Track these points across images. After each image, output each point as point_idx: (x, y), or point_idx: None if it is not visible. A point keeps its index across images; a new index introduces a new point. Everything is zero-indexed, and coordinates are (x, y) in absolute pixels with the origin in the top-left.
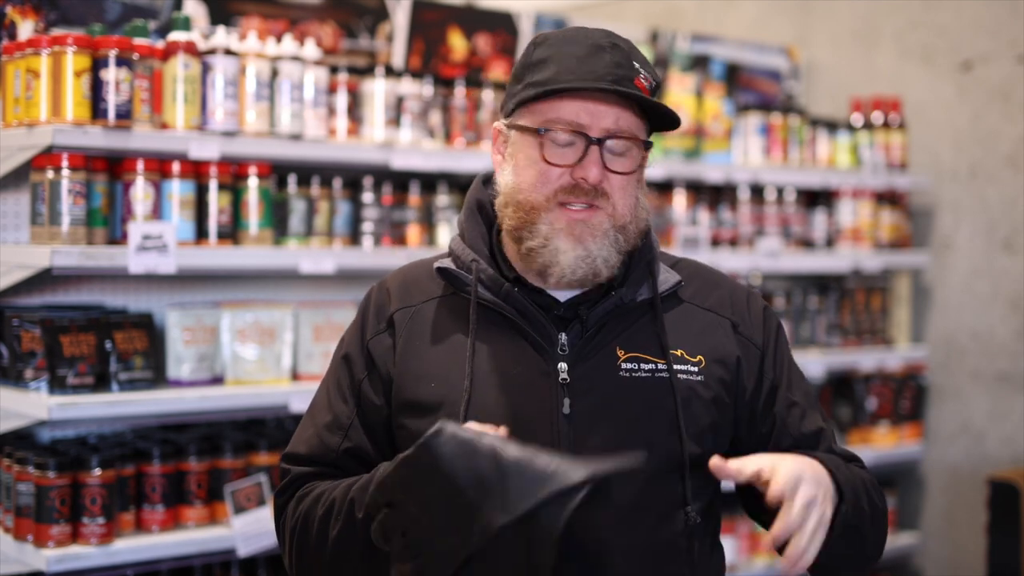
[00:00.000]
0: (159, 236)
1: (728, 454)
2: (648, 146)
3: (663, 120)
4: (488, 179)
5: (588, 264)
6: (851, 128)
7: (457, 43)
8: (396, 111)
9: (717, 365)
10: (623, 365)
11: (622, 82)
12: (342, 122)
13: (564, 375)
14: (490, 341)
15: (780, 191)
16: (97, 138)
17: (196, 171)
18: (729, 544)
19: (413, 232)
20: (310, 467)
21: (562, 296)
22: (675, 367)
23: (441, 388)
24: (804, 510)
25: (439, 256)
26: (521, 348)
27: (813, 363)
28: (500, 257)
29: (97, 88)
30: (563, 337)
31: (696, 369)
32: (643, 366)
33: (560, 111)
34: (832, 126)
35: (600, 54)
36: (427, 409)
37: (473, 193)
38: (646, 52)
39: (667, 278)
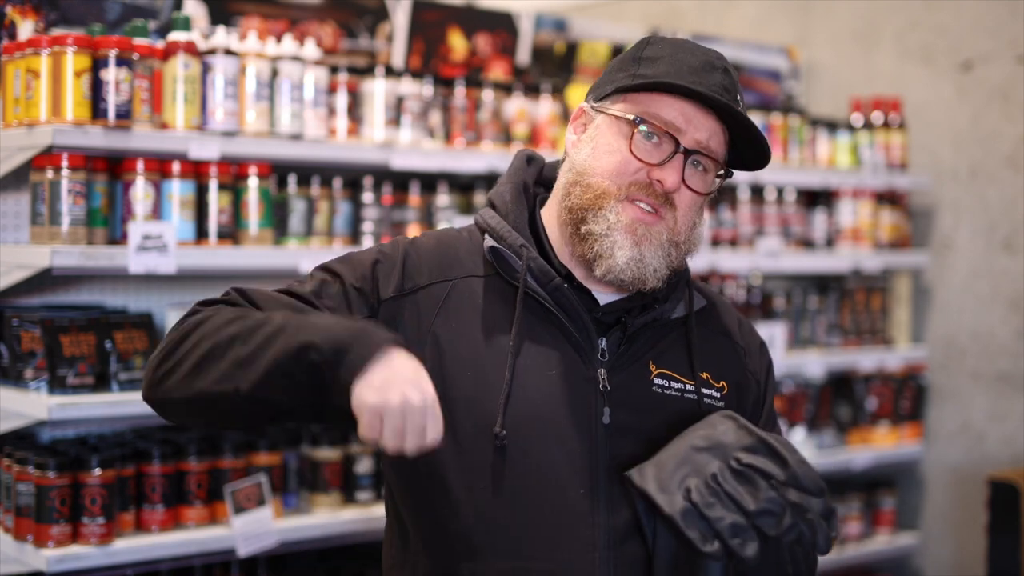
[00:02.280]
0: (159, 236)
1: None
2: (725, 175)
3: (743, 158)
4: (532, 158)
5: (639, 268)
6: (851, 128)
7: (457, 43)
8: (396, 111)
9: (734, 392)
10: (655, 380)
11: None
12: (342, 122)
13: (604, 382)
14: (531, 336)
15: (780, 191)
16: (97, 138)
17: (196, 171)
18: None
19: (413, 232)
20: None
21: (602, 299)
22: (703, 390)
23: (478, 378)
24: None
25: (468, 228)
26: (562, 348)
27: (813, 363)
28: (547, 244)
29: (97, 88)
30: (603, 342)
31: (719, 395)
32: (673, 384)
33: (661, 107)
34: (832, 126)
35: (713, 72)
36: (460, 399)
37: (519, 173)
38: None
39: (698, 299)
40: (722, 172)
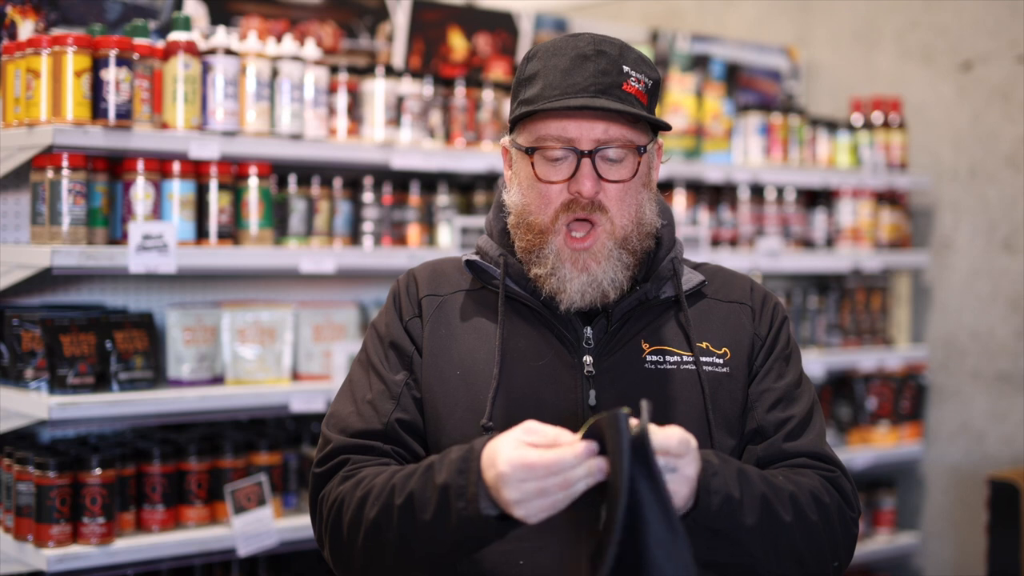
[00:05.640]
0: (159, 236)
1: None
2: (643, 150)
3: (652, 125)
4: None
5: (595, 288)
6: (851, 128)
7: (457, 43)
8: (396, 111)
9: (741, 354)
10: (648, 358)
11: (609, 90)
12: (342, 122)
13: (590, 367)
14: (517, 333)
15: (780, 191)
16: (97, 138)
17: (196, 171)
18: None
19: (413, 232)
20: (353, 439)
21: None
22: (701, 359)
23: (467, 376)
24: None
25: (467, 253)
26: (547, 340)
27: (813, 363)
28: None
29: (97, 88)
30: (588, 331)
31: (722, 361)
32: (668, 358)
33: (548, 129)
34: (832, 126)
35: (584, 64)
36: (450, 397)
37: (500, 193)
38: (646, 52)
39: (690, 277)
40: (643, 148)
